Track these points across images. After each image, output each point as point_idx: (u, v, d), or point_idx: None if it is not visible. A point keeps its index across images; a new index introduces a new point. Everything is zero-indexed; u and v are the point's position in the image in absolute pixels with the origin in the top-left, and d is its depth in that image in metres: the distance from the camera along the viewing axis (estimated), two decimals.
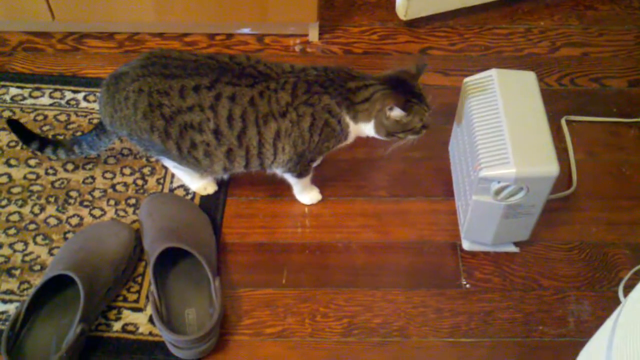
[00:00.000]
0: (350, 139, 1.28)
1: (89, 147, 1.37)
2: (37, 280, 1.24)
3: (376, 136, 1.26)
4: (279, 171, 1.31)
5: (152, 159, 1.45)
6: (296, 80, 1.21)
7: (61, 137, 1.49)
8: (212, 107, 1.20)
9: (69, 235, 1.34)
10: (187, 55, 1.25)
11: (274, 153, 1.25)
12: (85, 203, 1.39)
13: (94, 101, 1.56)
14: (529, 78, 1.25)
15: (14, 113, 1.53)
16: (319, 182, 1.42)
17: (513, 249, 1.33)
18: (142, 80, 1.21)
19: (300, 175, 1.32)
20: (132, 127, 1.24)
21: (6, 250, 1.32)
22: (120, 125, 1.25)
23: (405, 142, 1.27)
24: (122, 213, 1.38)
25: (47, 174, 1.43)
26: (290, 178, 1.34)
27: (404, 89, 1.21)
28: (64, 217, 1.37)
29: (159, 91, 1.20)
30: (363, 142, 1.48)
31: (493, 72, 1.25)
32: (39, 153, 1.43)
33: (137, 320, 1.23)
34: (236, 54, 1.27)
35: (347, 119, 1.23)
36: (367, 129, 1.25)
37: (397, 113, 1.19)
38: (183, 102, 1.20)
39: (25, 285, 1.27)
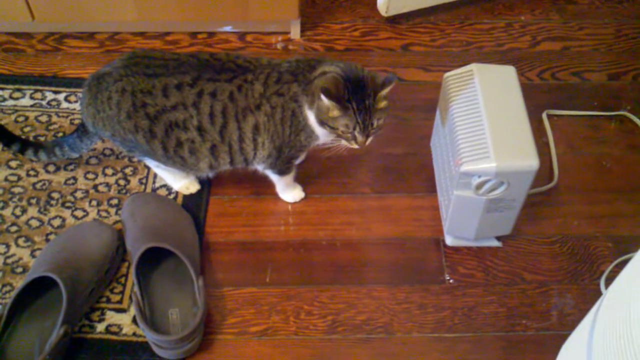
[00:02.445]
0: (320, 134, 1.23)
1: (70, 150, 1.37)
2: (20, 283, 1.23)
3: (317, 128, 1.21)
4: (260, 167, 1.31)
5: (135, 159, 1.44)
6: (270, 72, 1.21)
7: (42, 138, 1.48)
8: (195, 104, 1.20)
9: (51, 237, 1.33)
10: (169, 54, 1.25)
11: (254, 148, 1.25)
12: (67, 204, 1.38)
13: (75, 102, 1.55)
14: (508, 72, 1.26)
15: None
16: (302, 179, 1.42)
17: (496, 243, 1.34)
18: (125, 80, 1.20)
19: (281, 172, 1.32)
20: (116, 127, 1.23)
21: None
22: (104, 126, 1.25)
23: (337, 146, 1.23)
24: (104, 214, 1.37)
25: (28, 175, 1.42)
26: (272, 176, 1.34)
27: (354, 90, 1.15)
28: (45, 218, 1.36)
29: (142, 91, 1.20)
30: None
31: (473, 67, 1.26)
32: (20, 155, 1.42)
33: (121, 321, 1.23)
34: (217, 52, 1.27)
35: (306, 107, 1.20)
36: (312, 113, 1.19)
37: (324, 100, 1.13)
38: (167, 100, 1.20)
39: (8, 288, 1.26)
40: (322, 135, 1.23)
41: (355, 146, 1.20)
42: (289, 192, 1.40)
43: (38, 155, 1.39)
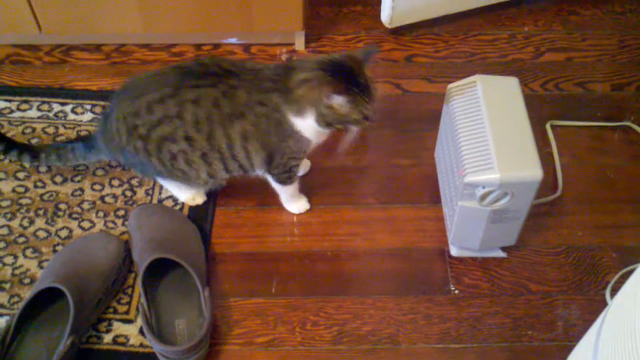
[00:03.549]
0: (312, 137, 1.22)
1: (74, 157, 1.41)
2: (27, 294, 1.24)
3: (320, 129, 1.19)
4: (260, 173, 1.31)
5: None
6: (252, 78, 1.20)
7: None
8: (179, 115, 1.21)
9: (59, 248, 1.34)
10: (152, 71, 1.27)
11: (246, 155, 1.25)
12: (74, 215, 1.39)
13: (82, 113, 1.56)
14: (512, 83, 1.27)
15: (2, 126, 1.53)
16: (307, 190, 1.43)
17: (500, 254, 1.34)
18: (117, 109, 1.25)
19: (283, 182, 1.32)
20: (124, 153, 1.28)
21: None
22: (115, 154, 1.32)
23: (350, 134, 1.22)
24: (111, 225, 1.38)
25: (35, 186, 1.43)
26: (275, 185, 1.35)
27: (346, 76, 1.15)
28: (53, 229, 1.37)
29: (130, 114, 1.23)
30: (349, 149, 1.49)
31: (476, 78, 1.27)
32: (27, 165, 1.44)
33: (128, 331, 1.24)
34: (203, 55, 1.27)
35: (291, 116, 1.19)
36: (310, 121, 1.18)
37: (335, 100, 1.14)
38: (152, 116, 1.22)
39: (15, 299, 1.27)
40: (317, 136, 1.23)
41: (367, 124, 1.20)
42: (293, 202, 1.40)
43: (39, 161, 1.41)
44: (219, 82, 1.20)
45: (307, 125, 1.19)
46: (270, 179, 1.33)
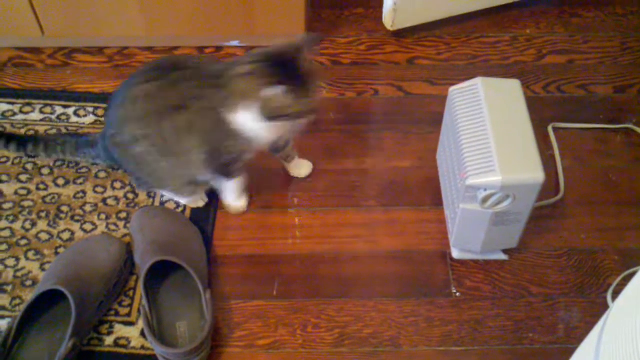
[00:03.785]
0: (257, 133, 1.20)
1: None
2: (29, 296, 1.24)
3: (263, 125, 1.16)
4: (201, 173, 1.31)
5: None
6: (202, 73, 1.20)
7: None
8: (136, 118, 1.24)
9: (61, 250, 1.34)
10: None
11: (189, 148, 1.24)
12: (77, 218, 1.39)
13: (84, 116, 1.57)
14: (514, 86, 1.27)
15: (5, 129, 1.53)
16: (309, 192, 1.43)
17: (502, 256, 1.34)
18: (102, 130, 1.33)
19: (225, 175, 1.32)
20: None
21: None
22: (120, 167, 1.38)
23: (295, 125, 1.21)
24: (113, 227, 1.38)
25: (38, 189, 1.43)
26: (220, 182, 1.34)
27: (285, 67, 1.13)
28: (55, 232, 1.37)
29: (108, 124, 1.30)
30: (351, 151, 1.50)
31: (478, 81, 1.27)
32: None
33: (129, 334, 1.24)
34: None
35: (229, 113, 1.17)
36: (251, 115, 1.15)
37: (272, 92, 1.11)
38: (117, 127, 1.26)
39: (17, 301, 1.27)
40: (263, 132, 1.20)
41: (313, 117, 1.18)
42: (231, 199, 1.39)
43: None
44: (165, 76, 1.21)
45: (248, 121, 1.17)
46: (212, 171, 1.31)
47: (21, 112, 1.57)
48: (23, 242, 1.36)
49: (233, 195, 1.38)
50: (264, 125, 1.17)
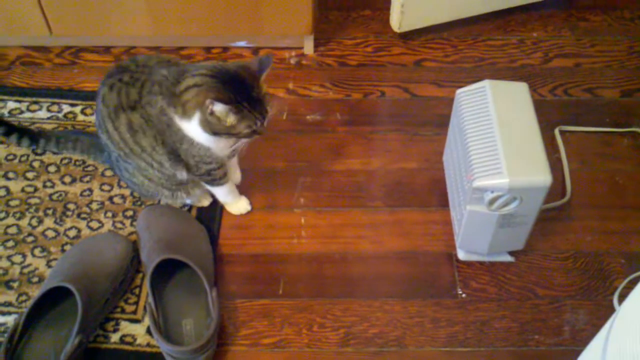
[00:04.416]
0: (208, 144, 1.20)
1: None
2: (36, 292, 1.24)
3: (209, 137, 1.17)
4: (181, 176, 1.30)
5: None
6: (145, 79, 1.19)
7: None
8: (99, 123, 1.26)
9: (67, 248, 1.34)
10: None
11: (146, 148, 1.24)
12: (83, 215, 1.40)
13: (91, 114, 1.57)
14: (521, 89, 1.27)
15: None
16: (316, 192, 1.43)
17: (508, 258, 1.34)
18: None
19: (209, 183, 1.32)
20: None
21: (4, 263, 1.32)
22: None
23: (240, 144, 1.22)
24: (119, 225, 1.39)
25: (44, 186, 1.44)
26: (205, 185, 1.34)
27: (237, 87, 1.13)
28: (61, 229, 1.37)
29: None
30: (357, 152, 1.50)
31: (485, 84, 1.27)
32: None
33: (135, 331, 1.24)
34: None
35: (177, 119, 1.17)
36: (196, 126, 1.15)
37: (217, 108, 1.12)
38: (99, 125, 1.28)
39: (24, 297, 1.28)
40: (216, 144, 1.21)
41: (256, 137, 1.20)
42: (230, 204, 1.40)
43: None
44: (115, 75, 1.22)
45: (195, 131, 1.17)
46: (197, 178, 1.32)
47: (28, 110, 1.58)
48: (29, 239, 1.36)
49: (228, 198, 1.38)
50: (208, 137, 1.18)
